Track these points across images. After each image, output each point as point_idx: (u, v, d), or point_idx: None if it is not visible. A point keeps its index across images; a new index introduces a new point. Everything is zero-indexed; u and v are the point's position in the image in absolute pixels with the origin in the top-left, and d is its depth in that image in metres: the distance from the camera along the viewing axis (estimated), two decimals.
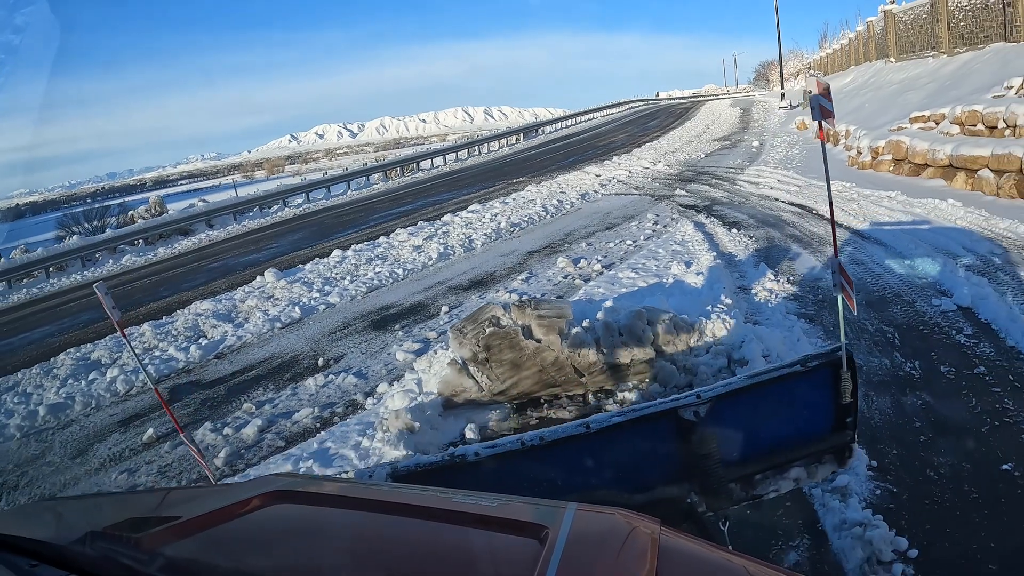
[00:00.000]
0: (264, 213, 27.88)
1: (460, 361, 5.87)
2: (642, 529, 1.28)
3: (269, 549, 1.39)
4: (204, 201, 31.12)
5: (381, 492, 1.68)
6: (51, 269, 22.25)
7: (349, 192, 31.22)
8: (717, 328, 6.14)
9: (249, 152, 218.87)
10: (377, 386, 7.04)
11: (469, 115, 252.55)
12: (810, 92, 2.79)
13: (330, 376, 7.69)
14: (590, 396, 5.96)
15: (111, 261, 22.89)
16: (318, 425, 6.41)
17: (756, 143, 27.24)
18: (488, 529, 1.30)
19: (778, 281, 8.72)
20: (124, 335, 3.71)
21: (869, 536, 3.77)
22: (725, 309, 7.03)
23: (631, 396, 5.84)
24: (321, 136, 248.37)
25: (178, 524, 1.39)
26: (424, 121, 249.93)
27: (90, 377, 9.36)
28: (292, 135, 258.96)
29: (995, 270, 8.18)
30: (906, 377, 5.78)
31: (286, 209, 28.33)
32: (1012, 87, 14.14)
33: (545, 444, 2.57)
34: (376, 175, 33.82)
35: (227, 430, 6.64)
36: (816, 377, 2.74)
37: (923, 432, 4.92)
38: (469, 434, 5.51)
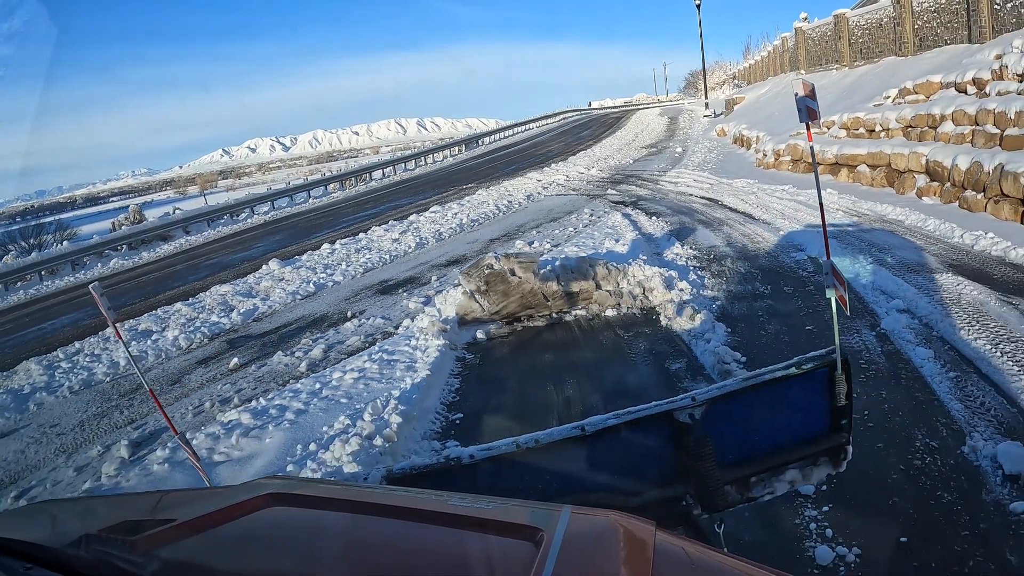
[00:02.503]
0: (235, 220, 30.11)
1: (469, 292, 8.82)
2: (638, 532, 1.31)
3: (264, 552, 1.42)
4: (179, 209, 33.38)
5: (376, 495, 1.73)
6: (43, 273, 24.00)
7: (311, 200, 33.62)
8: (635, 271, 9.15)
9: (181, 167, 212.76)
10: (401, 323, 9.78)
11: (402, 127, 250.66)
12: (797, 93, 2.88)
13: (362, 320, 10.48)
14: (554, 314, 8.99)
15: (100, 264, 24.75)
16: (367, 344, 9.15)
17: (679, 149, 30.56)
18: (483, 532, 1.34)
19: (683, 248, 11.87)
20: (119, 333, 3.80)
21: (722, 355, 6.89)
22: (642, 262, 10.04)
23: (582, 312, 8.88)
24: (253, 150, 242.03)
25: (173, 527, 1.42)
26: (357, 133, 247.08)
27: (152, 338, 11.65)
28: (224, 149, 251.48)
29: (844, 234, 11.46)
30: (760, 293, 9.02)
31: (255, 216, 30.58)
32: (889, 96, 17.37)
33: (540, 446, 2.61)
34: (333, 184, 36.37)
35: (298, 354, 9.32)
36: (810, 379, 2.81)
37: (761, 316, 8.09)
38: (480, 335, 8.57)
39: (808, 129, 3.00)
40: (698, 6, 45.58)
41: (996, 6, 15.48)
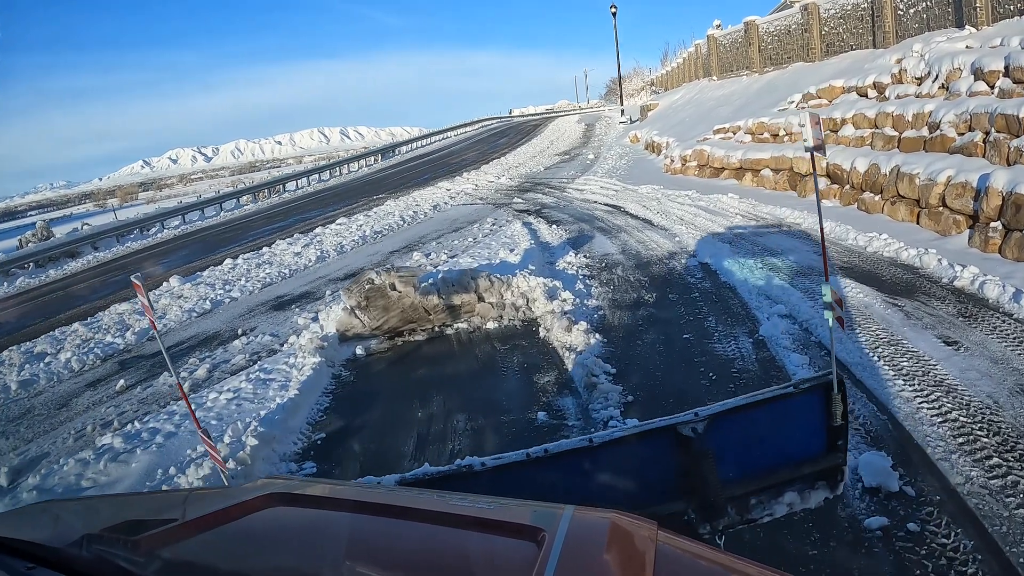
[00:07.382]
0: (145, 235, 29.41)
1: (349, 308, 8.86)
2: (639, 531, 1.32)
3: (267, 551, 1.43)
4: (88, 225, 32.62)
5: (377, 495, 1.74)
6: None
7: (223, 213, 32.99)
8: (519, 282, 9.31)
9: (100, 180, 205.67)
10: (288, 339, 9.73)
11: (325, 136, 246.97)
12: (803, 125, 3.03)
13: (251, 338, 10.41)
14: (436, 327, 9.10)
15: (5, 284, 23.71)
16: (250, 363, 9.00)
17: (592, 156, 31.11)
18: (486, 532, 1.34)
19: (576, 257, 12.14)
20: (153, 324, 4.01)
21: (592, 367, 7.05)
22: (527, 273, 10.21)
23: (463, 325, 9.02)
24: (175, 161, 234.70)
25: (175, 527, 1.43)
26: (280, 143, 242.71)
27: (46, 361, 11.12)
28: (145, 161, 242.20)
29: (737, 238, 11.84)
30: (644, 301, 9.42)
31: (165, 231, 29.90)
32: (793, 102, 17.93)
33: (549, 456, 2.69)
34: (246, 197, 35.86)
35: (183, 375, 9.20)
36: (808, 399, 2.91)
37: (641, 325, 8.40)
38: (359, 351, 8.62)
39: (812, 159, 3.16)
40: (614, 13, 46.28)
41: (899, 12, 16.01)
